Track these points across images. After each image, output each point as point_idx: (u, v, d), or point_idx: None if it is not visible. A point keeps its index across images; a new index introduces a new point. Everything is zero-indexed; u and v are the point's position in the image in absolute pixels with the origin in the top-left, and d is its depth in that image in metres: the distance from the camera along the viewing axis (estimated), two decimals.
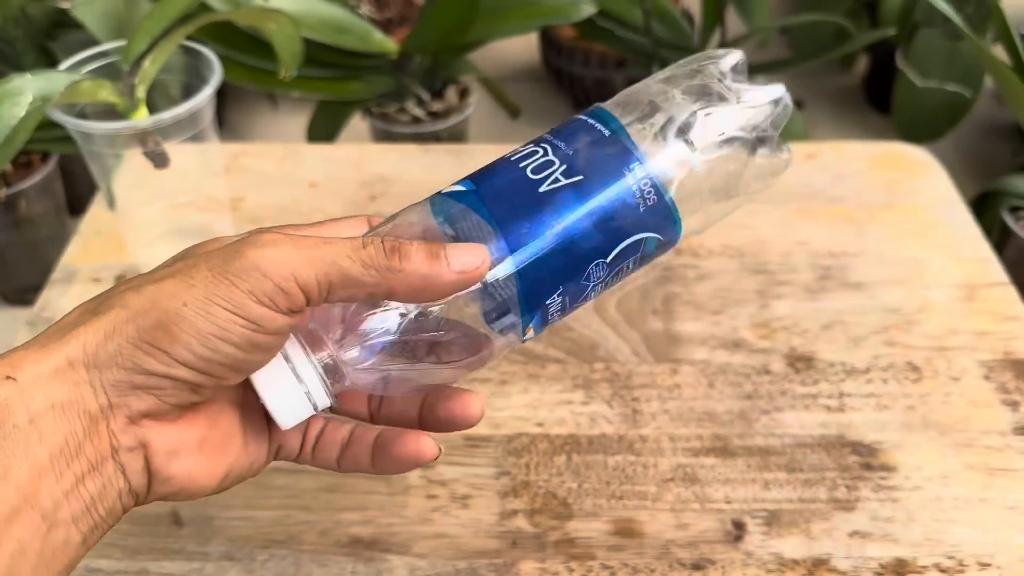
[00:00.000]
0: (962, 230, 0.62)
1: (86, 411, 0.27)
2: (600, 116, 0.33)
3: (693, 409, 0.50)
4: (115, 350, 0.27)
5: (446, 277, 0.28)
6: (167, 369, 0.27)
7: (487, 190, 0.31)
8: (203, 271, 0.27)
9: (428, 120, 1.26)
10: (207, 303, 0.27)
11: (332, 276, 0.28)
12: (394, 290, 0.28)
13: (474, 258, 0.29)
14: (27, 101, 0.48)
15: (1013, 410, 0.50)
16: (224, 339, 0.27)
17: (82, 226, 0.63)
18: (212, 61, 0.54)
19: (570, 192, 0.31)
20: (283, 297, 0.27)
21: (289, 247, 0.28)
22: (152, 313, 0.27)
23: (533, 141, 0.33)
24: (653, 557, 0.43)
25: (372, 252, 0.28)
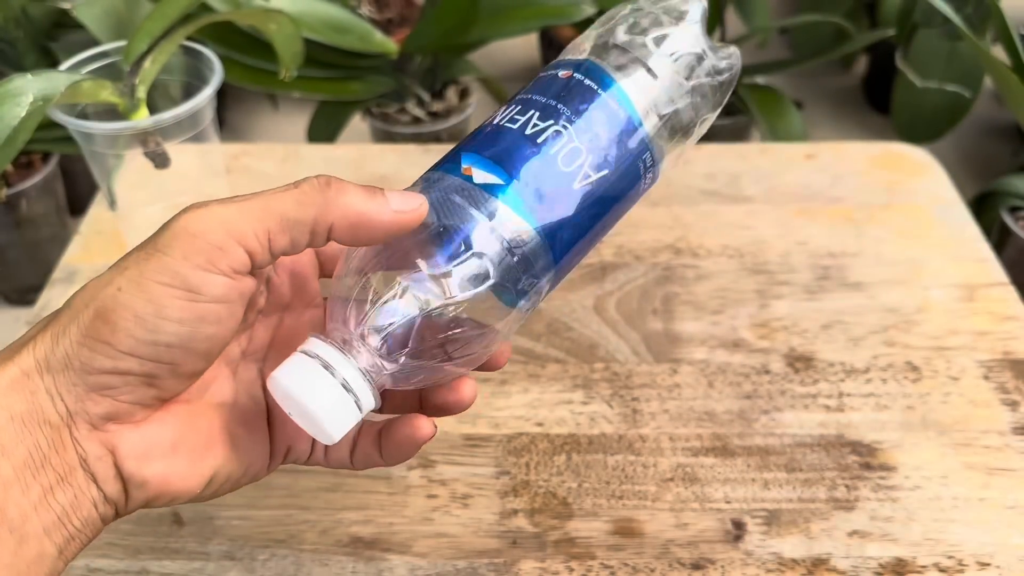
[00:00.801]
0: (961, 230, 0.62)
1: (47, 421, 0.26)
2: (603, 82, 0.33)
3: (693, 409, 0.50)
4: (64, 353, 0.26)
5: (384, 215, 0.28)
6: (113, 363, 0.26)
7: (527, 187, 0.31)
8: (134, 253, 0.26)
9: (428, 120, 1.26)
10: (140, 281, 0.26)
11: (268, 222, 0.26)
12: (333, 226, 0.27)
13: (413, 201, 0.28)
14: (28, 101, 0.48)
15: (1012, 410, 0.50)
16: (164, 316, 0.26)
17: (83, 226, 0.63)
18: (213, 61, 0.54)
19: (600, 189, 0.32)
20: (220, 255, 0.26)
21: (217, 206, 0.26)
22: (90, 306, 0.26)
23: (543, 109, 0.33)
24: (653, 557, 0.43)
25: (306, 187, 0.27)
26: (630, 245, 0.61)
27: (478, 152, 0.31)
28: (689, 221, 0.63)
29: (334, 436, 0.28)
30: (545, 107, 0.32)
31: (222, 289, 0.26)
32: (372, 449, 0.32)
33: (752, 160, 0.68)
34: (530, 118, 0.32)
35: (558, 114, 0.32)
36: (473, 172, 0.31)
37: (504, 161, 0.31)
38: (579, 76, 0.33)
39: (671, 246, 0.61)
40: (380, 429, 0.32)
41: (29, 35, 1.05)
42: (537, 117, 0.32)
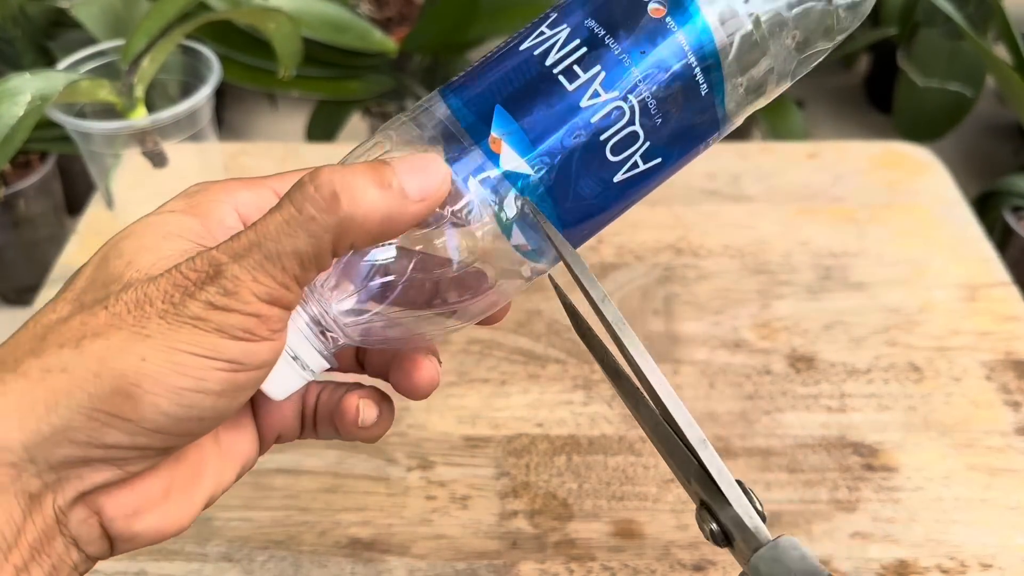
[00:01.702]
0: (964, 230, 0.62)
1: (25, 491, 0.23)
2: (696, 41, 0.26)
3: (694, 409, 0.50)
4: (63, 424, 0.22)
5: (407, 213, 0.24)
6: (133, 440, 0.23)
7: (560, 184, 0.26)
8: (154, 320, 0.23)
9: None
10: (172, 353, 0.22)
11: (291, 270, 0.23)
12: (354, 243, 0.24)
13: (433, 179, 0.24)
14: (26, 100, 0.48)
15: (1014, 410, 0.50)
16: (203, 390, 0.23)
17: (81, 226, 0.63)
18: (211, 60, 0.54)
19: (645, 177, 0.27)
20: (258, 324, 0.23)
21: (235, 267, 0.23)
22: (104, 376, 0.22)
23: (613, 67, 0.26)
24: (654, 558, 0.43)
25: (312, 211, 0.23)
26: (631, 245, 0.61)
27: (514, 113, 0.26)
28: (690, 221, 0.62)
29: (278, 396, 0.27)
30: (616, 65, 0.26)
31: (266, 355, 0.24)
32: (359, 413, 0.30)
33: (753, 159, 0.68)
34: (593, 79, 0.25)
35: (628, 81, 0.26)
36: (503, 149, 0.25)
37: (543, 141, 0.26)
38: (671, 21, 0.26)
39: (672, 246, 0.61)
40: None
41: (27, 34, 1.05)
42: (602, 81, 0.25)
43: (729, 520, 0.25)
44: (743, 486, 0.25)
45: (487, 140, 0.26)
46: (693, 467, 0.25)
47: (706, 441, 0.25)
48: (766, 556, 0.24)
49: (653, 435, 0.28)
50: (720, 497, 0.25)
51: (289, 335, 0.25)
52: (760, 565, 0.24)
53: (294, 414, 0.30)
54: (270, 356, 0.24)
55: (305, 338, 0.26)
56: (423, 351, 0.29)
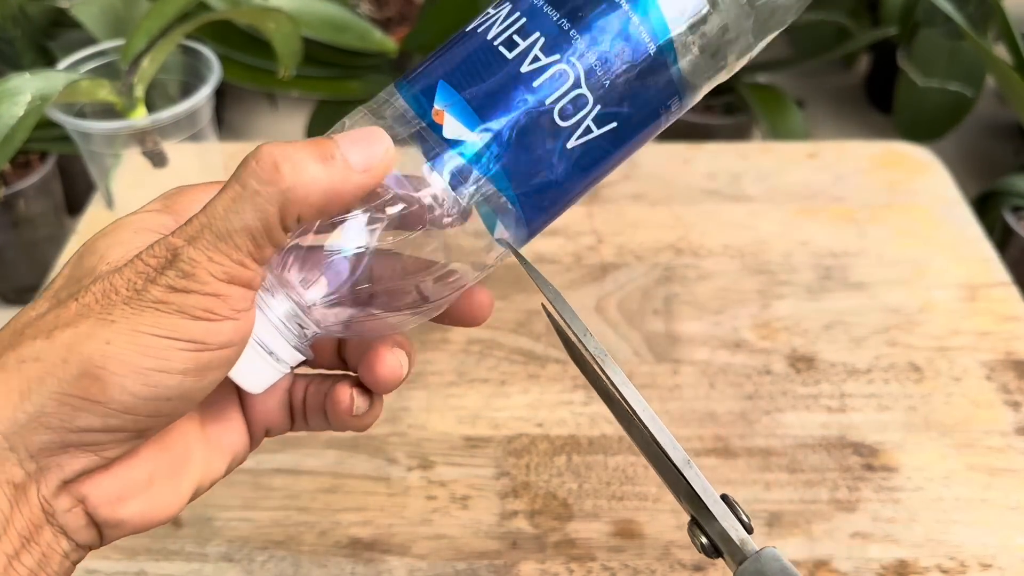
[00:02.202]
0: (964, 230, 0.62)
1: (9, 481, 0.23)
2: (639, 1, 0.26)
3: (694, 409, 0.50)
4: (36, 411, 0.23)
5: (350, 183, 0.24)
6: (104, 421, 0.23)
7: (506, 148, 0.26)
8: (116, 304, 0.23)
9: None
10: (135, 335, 0.23)
11: (245, 246, 0.24)
12: (300, 215, 0.24)
13: (376, 148, 0.24)
14: (26, 100, 0.48)
15: (1015, 410, 0.50)
16: (167, 369, 0.23)
17: (80, 226, 0.63)
18: (211, 60, 0.54)
19: (601, 144, 0.27)
20: (217, 302, 0.24)
21: (190, 249, 0.24)
22: (72, 361, 0.23)
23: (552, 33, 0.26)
24: (654, 558, 0.43)
25: (255, 185, 0.23)
26: (631, 245, 0.61)
27: (457, 86, 0.26)
28: (690, 221, 0.62)
29: (255, 389, 0.27)
30: (555, 31, 0.26)
31: (230, 334, 0.24)
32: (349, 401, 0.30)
33: (753, 159, 0.68)
34: (532, 45, 0.26)
35: (568, 45, 0.26)
36: (445, 119, 0.25)
37: (486, 110, 0.25)
38: None
39: (672, 246, 0.61)
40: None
41: (27, 34, 1.05)
42: (541, 46, 0.26)
43: (716, 534, 0.26)
44: (728, 500, 0.26)
45: (431, 114, 0.26)
46: (682, 485, 0.26)
47: (690, 461, 0.26)
48: (749, 569, 0.25)
49: (645, 454, 0.29)
50: (707, 513, 0.26)
51: (260, 329, 0.26)
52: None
53: (279, 407, 0.30)
54: (234, 335, 0.24)
55: (277, 331, 0.26)
56: (387, 343, 0.29)
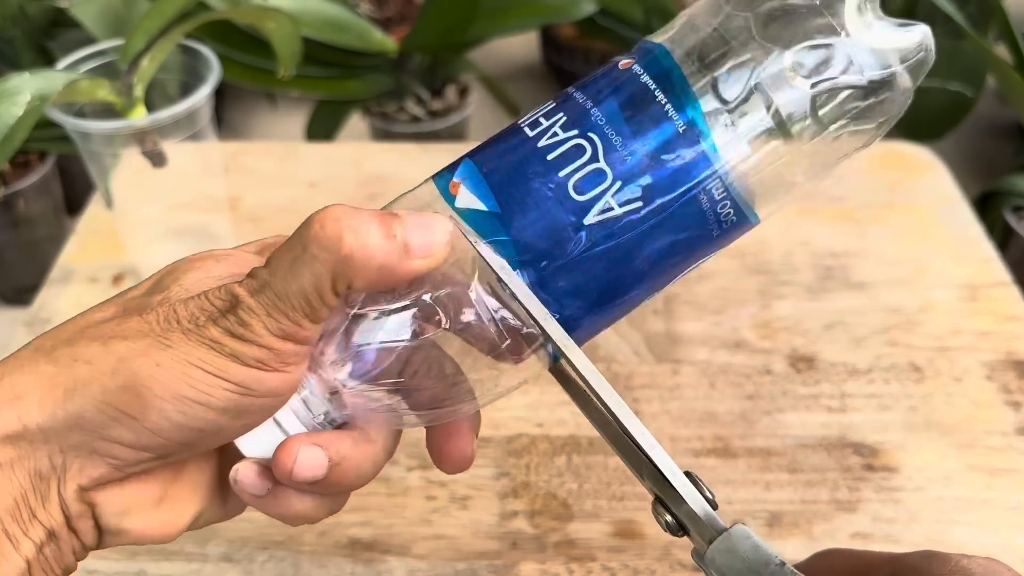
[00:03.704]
0: (964, 230, 0.62)
1: (36, 470, 0.24)
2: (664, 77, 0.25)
3: (694, 410, 0.50)
4: (76, 411, 0.24)
5: (404, 268, 0.24)
6: (135, 437, 0.24)
7: (515, 215, 0.25)
8: (175, 331, 0.24)
9: (427, 119, 1.26)
10: (186, 365, 0.24)
11: (301, 307, 0.24)
12: (352, 285, 0.25)
13: (435, 237, 0.25)
14: (25, 100, 0.48)
15: (1015, 410, 0.50)
16: (207, 404, 0.24)
17: (80, 226, 0.63)
18: (210, 60, 0.54)
19: (628, 228, 0.25)
20: (272, 356, 0.24)
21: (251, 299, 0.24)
22: (121, 373, 0.24)
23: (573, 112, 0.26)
24: (654, 559, 0.43)
25: (316, 251, 0.24)
26: None
27: (478, 163, 0.26)
28: None
29: (250, 453, 0.27)
30: (577, 110, 0.26)
31: (276, 384, 0.25)
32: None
33: None
34: (552, 124, 0.26)
35: (588, 121, 0.25)
36: (459, 191, 0.26)
37: (498, 182, 0.25)
38: (638, 70, 0.26)
39: None
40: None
41: (26, 33, 1.05)
42: (561, 124, 0.26)
43: (683, 514, 0.26)
44: (692, 477, 0.26)
45: (449, 188, 0.26)
46: (645, 465, 0.26)
47: (656, 445, 0.26)
48: (721, 548, 0.24)
49: (604, 434, 0.28)
50: (672, 490, 0.25)
51: (281, 410, 0.26)
52: (716, 557, 0.24)
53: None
54: (280, 386, 0.25)
55: (294, 412, 0.26)
56: (468, 428, 0.28)
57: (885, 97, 0.26)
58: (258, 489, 0.27)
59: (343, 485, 0.27)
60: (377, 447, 0.27)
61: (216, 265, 0.27)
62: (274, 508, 0.27)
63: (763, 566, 0.24)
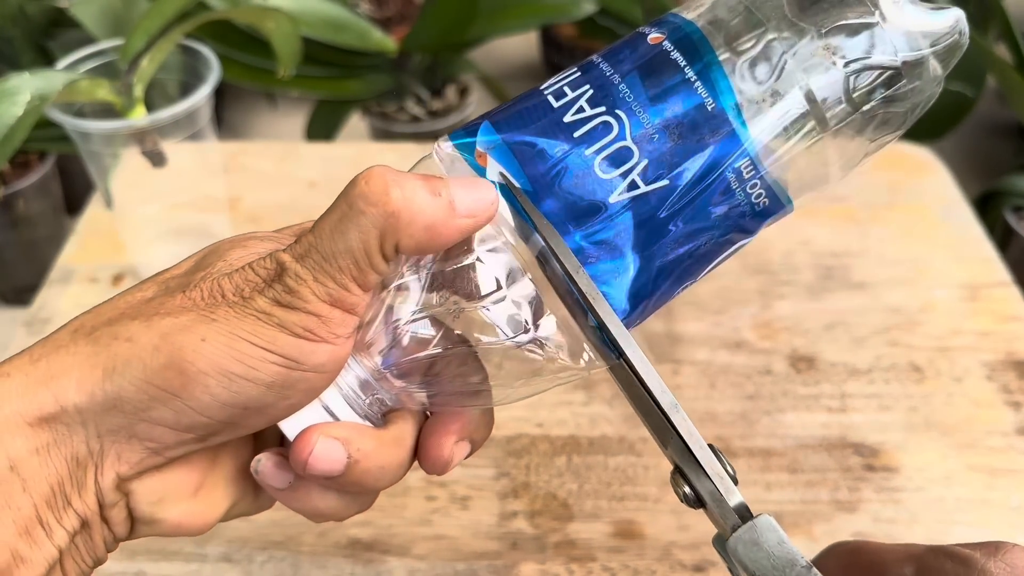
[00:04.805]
0: (965, 230, 0.62)
1: (73, 456, 0.23)
2: (695, 54, 0.25)
3: (694, 410, 0.50)
4: (115, 392, 0.23)
5: (452, 226, 0.24)
6: (177, 417, 0.23)
7: (544, 193, 0.25)
8: (221, 304, 0.23)
9: (427, 119, 1.26)
10: (231, 338, 0.23)
11: (349, 269, 0.24)
12: (399, 244, 0.24)
13: (483, 197, 0.24)
14: (25, 100, 0.48)
15: (1016, 411, 0.50)
16: (253, 379, 0.23)
17: (80, 226, 0.63)
18: (210, 60, 0.54)
19: (654, 207, 0.25)
20: (319, 323, 0.23)
21: (294, 263, 0.24)
22: (163, 350, 0.23)
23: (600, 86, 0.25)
24: (654, 559, 0.43)
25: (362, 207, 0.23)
26: None
27: (502, 132, 0.25)
28: None
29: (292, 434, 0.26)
30: (603, 84, 0.25)
31: (324, 358, 0.24)
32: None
33: None
34: (578, 97, 0.25)
35: (615, 97, 0.25)
36: (488, 163, 0.25)
37: (527, 157, 0.25)
38: (668, 46, 0.25)
39: None
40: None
41: (26, 33, 1.05)
42: (587, 98, 0.25)
43: (704, 490, 0.24)
44: (714, 450, 0.25)
45: (474, 155, 0.25)
46: (669, 432, 0.25)
47: (677, 406, 0.24)
48: (745, 538, 0.23)
49: (629, 395, 0.27)
50: (693, 460, 0.24)
51: (328, 392, 0.25)
52: (739, 548, 0.23)
53: None
54: (328, 360, 0.24)
55: (340, 393, 0.26)
56: (453, 427, 0.27)
57: (917, 82, 0.26)
58: (278, 481, 0.26)
59: (363, 484, 0.26)
60: (404, 449, 0.26)
61: (260, 243, 0.26)
62: (295, 503, 0.27)
63: (789, 566, 0.23)
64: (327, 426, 0.25)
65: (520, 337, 0.25)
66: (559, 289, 0.25)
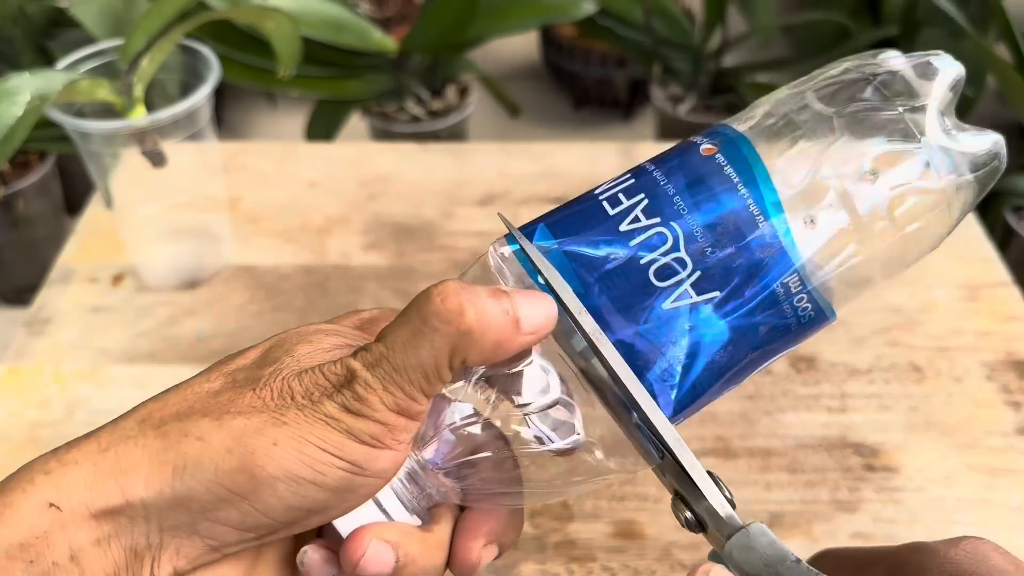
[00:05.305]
0: (965, 230, 0.62)
1: (132, 547, 0.24)
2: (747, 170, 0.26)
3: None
4: (185, 492, 0.23)
5: (515, 341, 0.25)
6: (242, 518, 0.23)
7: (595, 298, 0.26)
8: (290, 408, 0.24)
9: (427, 119, 1.26)
10: (302, 443, 0.23)
11: (418, 382, 0.24)
12: (466, 360, 0.25)
13: (541, 310, 0.25)
14: (25, 100, 0.48)
15: (1015, 411, 0.50)
16: (320, 484, 0.23)
17: (80, 226, 0.63)
18: (210, 60, 0.54)
19: (701, 312, 0.26)
20: (385, 432, 0.24)
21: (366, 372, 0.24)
22: (235, 452, 0.23)
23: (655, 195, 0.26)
24: (654, 559, 0.43)
25: (437, 324, 0.24)
26: None
27: (558, 237, 0.26)
28: None
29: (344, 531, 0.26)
30: (658, 193, 0.26)
31: (387, 463, 0.24)
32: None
33: None
34: (634, 206, 0.26)
35: (669, 208, 0.26)
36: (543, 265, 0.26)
37: (582, 264, 0.26)
38: (722, 160, 0.26)
39: None
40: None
41: (26, 33, 1.05)
42: (643, 207, 0.26)
43: (703, 510, 0.26)
44: (714, 477, 0.26)
45: (529, 261, 0.26)
46: (668, 462, 0.26)
47: (680, 440, 0.26)
48: (738, 543, 0.25)
49: (624, 428, 0.28)
50: (694, 489, 0.26)
51: (382, 492, 0.26)
52: (733, 552, 0.25)
53: None
54: (390, 465, 0.25)
55: (395, 492, 0.26)
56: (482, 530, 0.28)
57: (958, 201, 0.27)
58: (323, 575, 0.26)
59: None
60: (445, 552, 0.27)
61: (326, 338, 0.26)
62: None
63: (779, 562, 0.24)
64: (380, 528, 0.26)
65: (568, 441, 0.26)
66: (604, 391, 0.26)
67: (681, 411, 0.27)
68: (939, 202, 0.26)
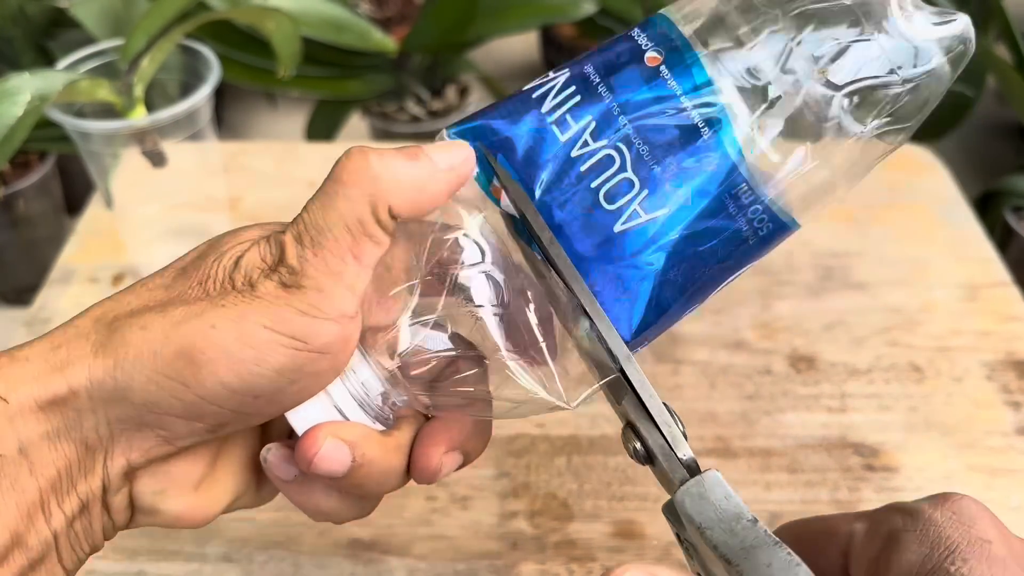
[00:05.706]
0: (964, 230, 0.62)
1: (83, 441, 0.24)
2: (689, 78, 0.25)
3: (694, 410, 0.50)
4: (126, 381, 0.23)
5: (438, 180, 0.25)
6: (187, 407, 0.23)
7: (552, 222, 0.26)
8: (230, 292, 0.24)
9: (427, 119, 1.26)
10: (240, 323, 0.23)
11: (344, 241, 0.24)
12: (391, 207, 0.25)
13: (458, 152, 0.26)
14: (25, 100, 0.48)
15: (1015, 411, 0.50)
16: (263, 364, 0.23)
17: (80, 226, 0.63)
18: (210, 60, 0.54)
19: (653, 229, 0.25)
20: (322, 298, 0.24)
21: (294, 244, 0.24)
22: (173, 338, 0.23)
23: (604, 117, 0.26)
24: (654, 559, 0.43)
25: (347, 180, 0.24)
26: None
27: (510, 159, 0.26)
28: None
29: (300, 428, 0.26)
30: (607, 114, 0.26)
31: (330, 337, 0.24)
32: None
33: None
34: (584, 128, 0.26)
35: (617, 130, 0.26)
36: (503, 197, 0.26)
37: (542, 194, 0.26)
38: (665, 71, 0.26)
39: None
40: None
41: (26, 33, 1.05)
42: (591, 131, 0.26)
43: (655, 445, 0.25)
44: (669, 408, 0.25)
45: (490, 188, 0.26)
46: (624, 388, 0.25)
47: (631, 358, 0.25)
48: (692, 492, 0.23)
49: (579, 347, 0.27)
50: (646, 415, 0.24)
51: (336, 392, 0.26)
52: (686, 500, 0.23)
53: None
54: (334, 340, 0.24)
55: (353, 397, 0.26)
56: (443, 437, 0.27)
57: (920, 95, 0.25)
58: (285, 473, 0.26)
59: (365, 488, 0.26)
60: (401, 456, 0.27)
61: (260, 230, 0.27)
62: (299, 498, 0.27)
63: (734, 519, 0.23)
64: (336, 426, 0.26)
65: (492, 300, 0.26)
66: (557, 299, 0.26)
67: (645, 330, 0.27)
68: (899, 97, 0.25)
